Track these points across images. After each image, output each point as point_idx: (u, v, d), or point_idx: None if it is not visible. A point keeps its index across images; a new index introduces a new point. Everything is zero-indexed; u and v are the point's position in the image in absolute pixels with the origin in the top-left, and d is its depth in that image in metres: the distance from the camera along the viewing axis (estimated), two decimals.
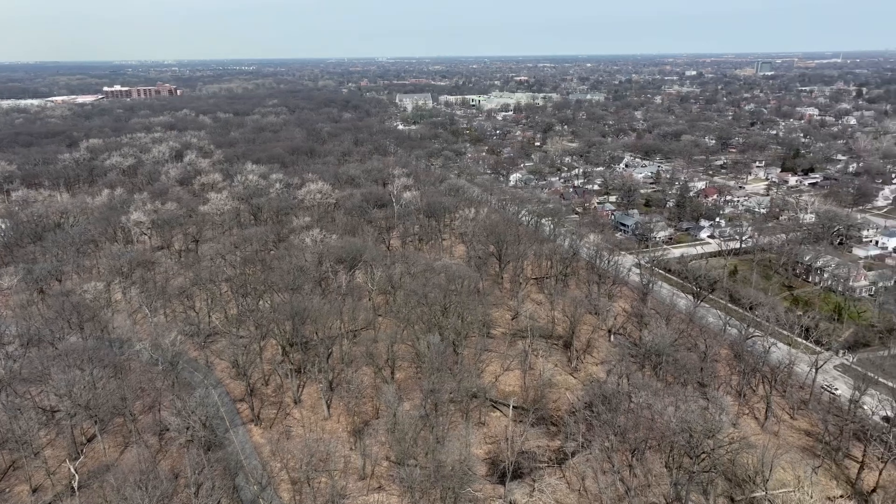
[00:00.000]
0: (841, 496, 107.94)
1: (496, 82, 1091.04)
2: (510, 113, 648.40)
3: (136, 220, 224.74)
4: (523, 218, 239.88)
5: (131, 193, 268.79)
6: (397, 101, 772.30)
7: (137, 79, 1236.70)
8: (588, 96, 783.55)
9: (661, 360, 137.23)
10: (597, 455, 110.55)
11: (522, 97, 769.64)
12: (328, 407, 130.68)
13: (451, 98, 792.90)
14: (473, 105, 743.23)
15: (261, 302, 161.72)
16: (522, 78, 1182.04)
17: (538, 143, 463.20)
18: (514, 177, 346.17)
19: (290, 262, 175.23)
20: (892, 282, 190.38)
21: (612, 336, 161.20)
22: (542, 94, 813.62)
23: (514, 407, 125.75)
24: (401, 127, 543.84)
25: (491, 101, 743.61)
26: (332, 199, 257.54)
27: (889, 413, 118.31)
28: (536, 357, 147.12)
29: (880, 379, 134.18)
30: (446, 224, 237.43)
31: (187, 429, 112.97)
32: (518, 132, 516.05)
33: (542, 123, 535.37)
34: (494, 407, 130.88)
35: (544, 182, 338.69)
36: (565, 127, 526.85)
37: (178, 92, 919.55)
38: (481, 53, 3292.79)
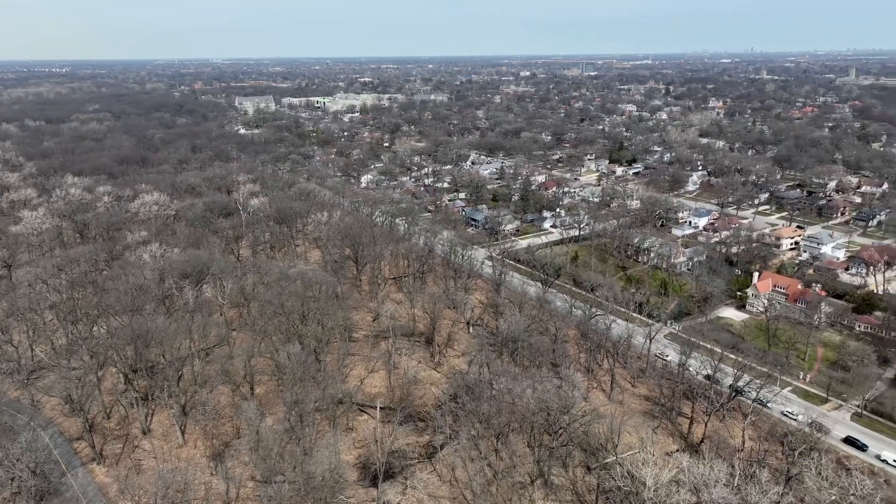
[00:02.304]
0: (677, 450, 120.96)
1: (340, 84, 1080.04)
2: (357, 114, 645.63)
3: None
4: (377, 219, 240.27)
5: None
6: (237, 104, 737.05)
7: None
8: (432, 97, 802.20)
9: (517, 345, 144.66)
10: (464, 444, 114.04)
11: (368, 98, 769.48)
12: (182, 433, 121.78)
13: (295, 100, 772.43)
14: (319, 107, 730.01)
15: (95, 328, 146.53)
16: (366, 79, 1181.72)
17: (387, 144, 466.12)
18: (365, 178, 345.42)
19: (127, 281, 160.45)
20: (705, 256, 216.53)
21: (471, 328, 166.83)
22: (387, 95, 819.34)
23: (381, 408, 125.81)
24: (243, 131, 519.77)
25: (336, 103, 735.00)
26: (170, 211, 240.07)
27: (709, 372, 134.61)
28: (400, 356, 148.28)
29: (701, 343, 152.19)
30: (299, 230, 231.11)
31: (13, 480, 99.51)
32: (366, 133, 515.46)
33: (389, 124, 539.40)
34: (362, 410, 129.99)
35: (396, 182, 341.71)
36: (412, 127, 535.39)
37: None
38: (323, 54, 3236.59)
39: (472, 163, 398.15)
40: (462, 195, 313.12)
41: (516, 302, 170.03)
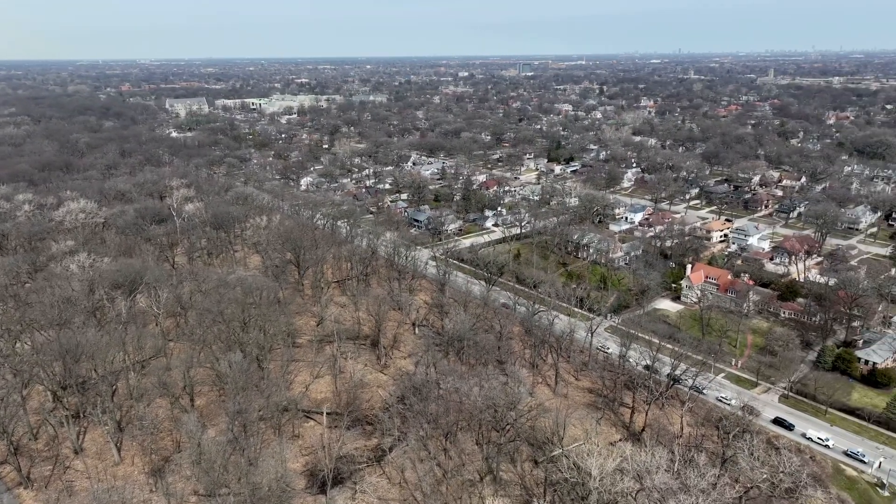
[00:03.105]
0: (620, 439, 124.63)
1: (276, 85, 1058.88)
2: (294, 116, 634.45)
3: None
4: (319, 221, 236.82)
5: None
6: (168, 106, 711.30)
7: None
8: (371, 97, 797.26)
9: (462, 344, 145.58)
10: (413, 445, 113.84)
11: (305, 99, 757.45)
12: (118, 450, 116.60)
13: (229, 102, 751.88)
14: (254, 109, 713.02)
15: (18, 344, 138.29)
16: (303, 80, 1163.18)
17: (326, 146, 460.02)
18: (305, 180, 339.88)
19: (54, 293, 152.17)
20: (641, 250, 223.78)
21: (416, 328, 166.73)
22: (325, 96, 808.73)
23: (327, 413, 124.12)
24: (175, 134, 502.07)
25: (273, 105, 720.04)
26: (99, 219, 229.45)
27: (648, 362, 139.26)
28: (346, 360, 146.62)
29: (640, 334, 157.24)
30: (237, 235, 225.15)
31: None
32: (304, 135, 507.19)
33: (328, 125, 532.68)
34: (308, 417, 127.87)
35: (336, 184, 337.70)
36: (352, 128, 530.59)
37: None
38: (257, 55, 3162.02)
39: (414, 163, 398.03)
40: (404, 196, 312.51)
41: (461, 301, 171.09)
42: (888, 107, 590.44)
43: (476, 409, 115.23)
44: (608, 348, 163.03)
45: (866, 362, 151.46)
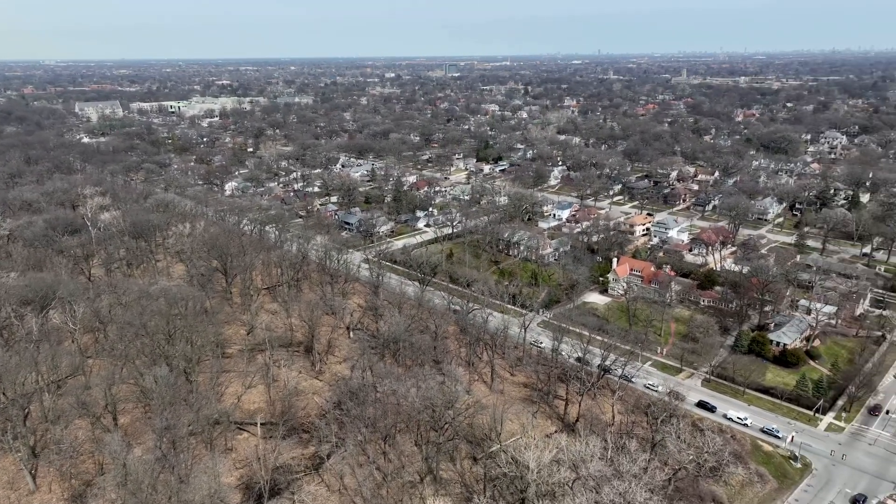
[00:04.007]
0: (555, 431, 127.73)
1: (196, 87, 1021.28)
2: (216, 119, 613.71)
3: None
4: (246, 227, 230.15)
5: None
6: (77, 110, 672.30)
7: None
8: (296, 99, 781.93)
9: (398, 346, 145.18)
10: (351, 451, 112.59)
11: (228, 102, 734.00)
12: (33, 477, 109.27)
13: (146, 105, 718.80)
14: (173, 112, 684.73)
15: None
16: (225, 82, 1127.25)
17: (251, 149, 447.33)
18: (229, 185, 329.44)
19: None
20: (569, 246, 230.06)
21: (351, 332, 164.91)
22: (248, 98, 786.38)
23: (261, 424, 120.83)
24: (86, 140, 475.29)
25: (193, 107, 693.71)
26: (3, 231, 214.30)
27: (580, 354, 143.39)
28: (279, 368, 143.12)
29: (571, 328, 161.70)
30: (158, 243, 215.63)
31: None
32: (228, 138, 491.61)
33: (252, 128, 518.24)
34: (241, 429, 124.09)
35: (263, 188, 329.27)
36: (277, 131, 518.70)
37: None
38: (175, 56, 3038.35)
39: (343, 165, 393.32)
40: (334, 199, 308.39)
41: (395, 303, 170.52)
42: (789, 105, 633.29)
43: (414, 410, 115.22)
44: (541, 343, 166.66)
45: (778, 344, 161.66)
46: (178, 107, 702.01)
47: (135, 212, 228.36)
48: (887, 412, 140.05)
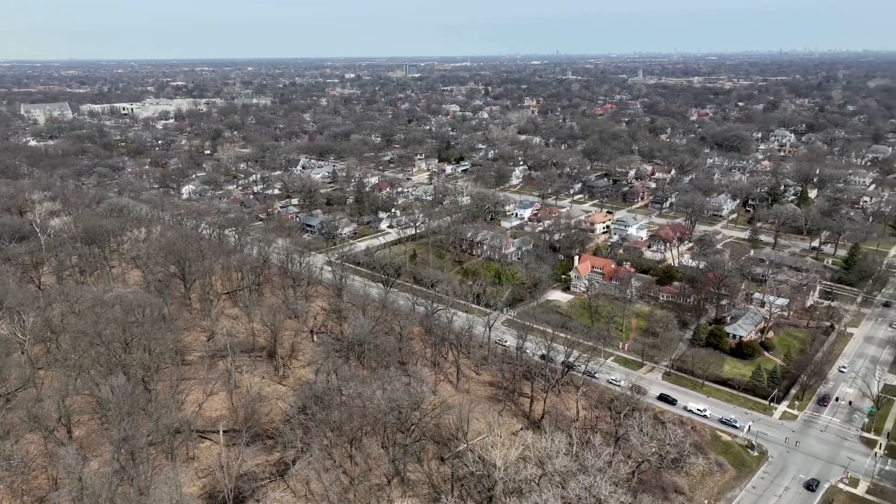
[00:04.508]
0: (521, 429, 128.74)
1: (150, 88, 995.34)
2: (171, 121, 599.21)
3: None
4: (204, 231, 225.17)
5: None
6: (23, 112, 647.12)
7: None
8: (254, 100, 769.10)
9: (363, 348, 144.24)
10: (317, 455, 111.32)
11: (183, 103, 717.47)
12: None
13: (97, 107, 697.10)
14: (126, 114, 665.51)
15: None
16: (180, 83, 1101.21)
17: (209, 151, 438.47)
18: (186, 189, 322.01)
19: None
20: (532, 245, 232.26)
21: (314, 336, 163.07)
22: (204, 100, 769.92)
23: (224, 431, 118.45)
24: (34, 143, 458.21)
25: (147, 109, 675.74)
26: None
27: (544, 352, 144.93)
28: (241, 374, 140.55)
29: (534, 326, 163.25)
30: (113, 249, 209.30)
31: None
32: (184, 141, 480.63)
33: (209, 130, 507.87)
34: (203, 437, 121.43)
35: (221, 191, 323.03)
36: (235, 133, 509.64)
37: None
38: (127, 56, 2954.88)
39: (303, 167, 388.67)
40: (295, 201, 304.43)
41: (359, 305, 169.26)
42: (740, 104, 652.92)
43: (380, 413, 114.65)
44: (506, 341, 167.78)
45: (734, 336, 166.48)
46: (132, 109, 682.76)
47: (87, 217, 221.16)
48: (836, 399, 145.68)
